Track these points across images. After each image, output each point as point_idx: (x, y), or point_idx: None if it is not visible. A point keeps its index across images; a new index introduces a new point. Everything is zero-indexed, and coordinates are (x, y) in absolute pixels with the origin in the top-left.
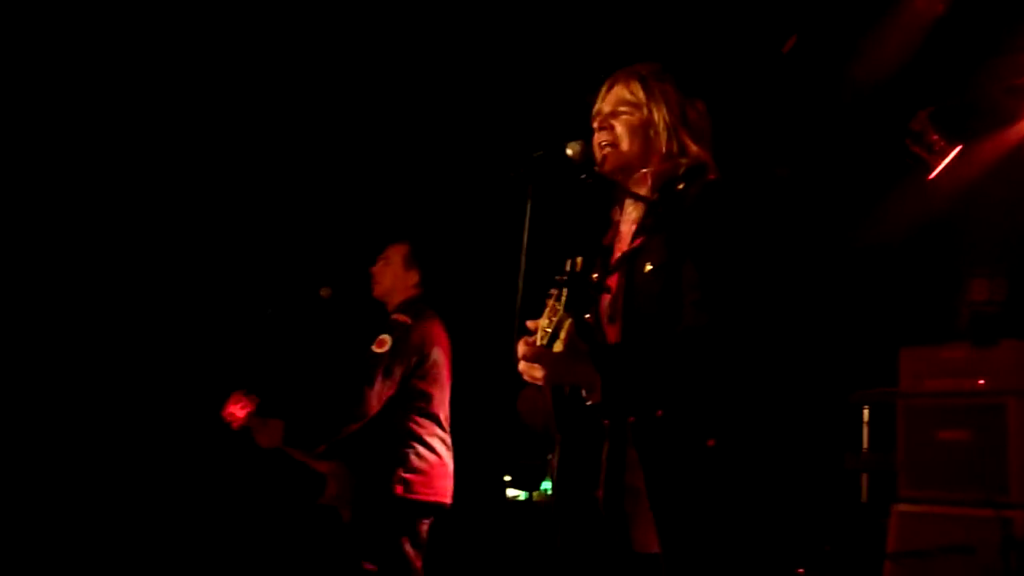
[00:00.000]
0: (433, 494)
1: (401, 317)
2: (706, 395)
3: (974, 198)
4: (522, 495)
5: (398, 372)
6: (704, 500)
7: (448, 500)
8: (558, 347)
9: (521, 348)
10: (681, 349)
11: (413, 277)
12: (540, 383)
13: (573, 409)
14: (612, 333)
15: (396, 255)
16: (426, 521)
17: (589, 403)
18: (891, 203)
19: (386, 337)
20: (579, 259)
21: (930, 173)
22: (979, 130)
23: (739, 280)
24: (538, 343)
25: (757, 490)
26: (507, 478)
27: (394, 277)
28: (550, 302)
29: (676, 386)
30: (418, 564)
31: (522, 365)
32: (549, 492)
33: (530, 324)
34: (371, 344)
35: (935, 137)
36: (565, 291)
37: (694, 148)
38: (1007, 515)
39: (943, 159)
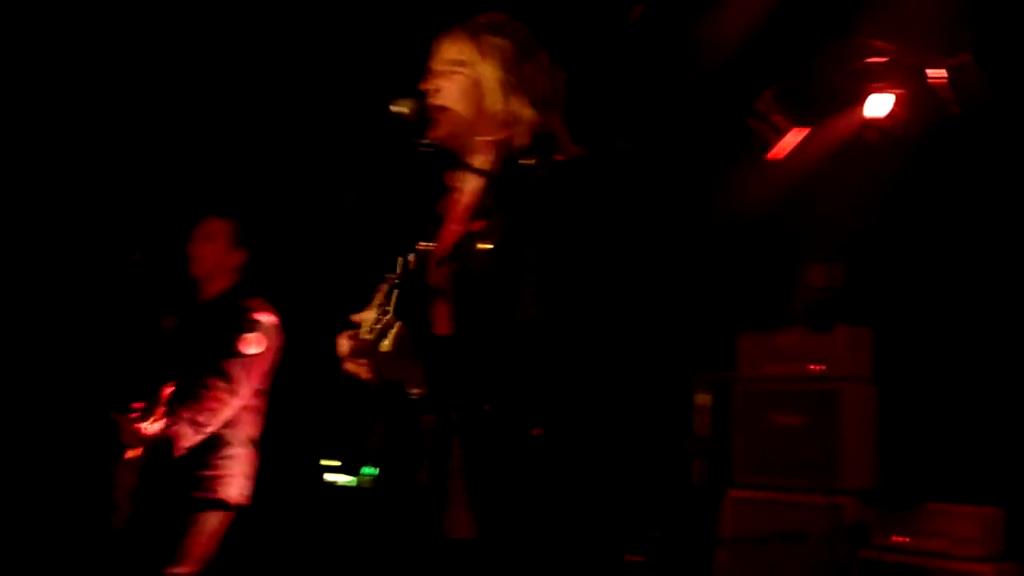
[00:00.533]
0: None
1: (264, 313)
2: (535, 388)
3: (813, 182)
4: (344, 480)
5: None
6: (526, 488)
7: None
8: (385, 346)
9: (345, 344)
10: (513, 343)
11: (238, 258)
12: (363, 376)
13: (397, 398)
14: (442, 312)
15: (220, 232)
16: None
17: (414, 396)
18: (732, 185)
19: (253, 337)
20: (412, 257)
21: (772, 154)
22: (821, 112)
23: (578, 276)
24: (362, 337)
25: (582, 477)
26: (328, 463)
27: (216, 257)
28: (378, 296)
29: (504, 381)
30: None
31: (347, 362)
32: (370, 477)
33: (354, 318)
34: (233, 341)
35: (778, 118)
36: (396, 293)
37: (527, 112)
38: (837, 502)
39: (786, 140)
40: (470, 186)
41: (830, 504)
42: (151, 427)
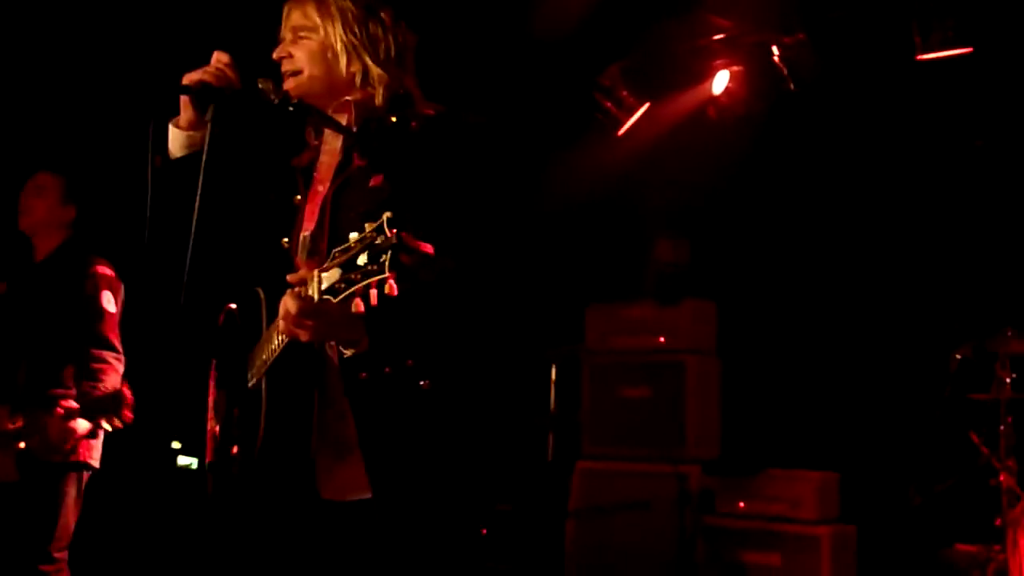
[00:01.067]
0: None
1: (107, 270)
2: (422, 348)
3: (660, 157)
4: (193, 463)
5: None
6: (410, 443)
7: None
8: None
9: (292, 303)
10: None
11: (69, 214)
12: (304, 338)
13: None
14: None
15: (52, 187)
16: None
17: (346, 355)
18: (579, 159)
19: (111, 294)
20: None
21: (619, 129)
22: (667, 88)
23: (451, 237)
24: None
25: (458, 440)
26: (176, 445)
27: (48, 210)
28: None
29: (408, 339)
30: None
31: (294, 319)
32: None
33: (292, 278)
34: (96, 300)
35: (624, 93)
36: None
37: (377, 71)
38: (683, 470)
39: (632, 116)
40: (331, 145)
41: (676, 473)
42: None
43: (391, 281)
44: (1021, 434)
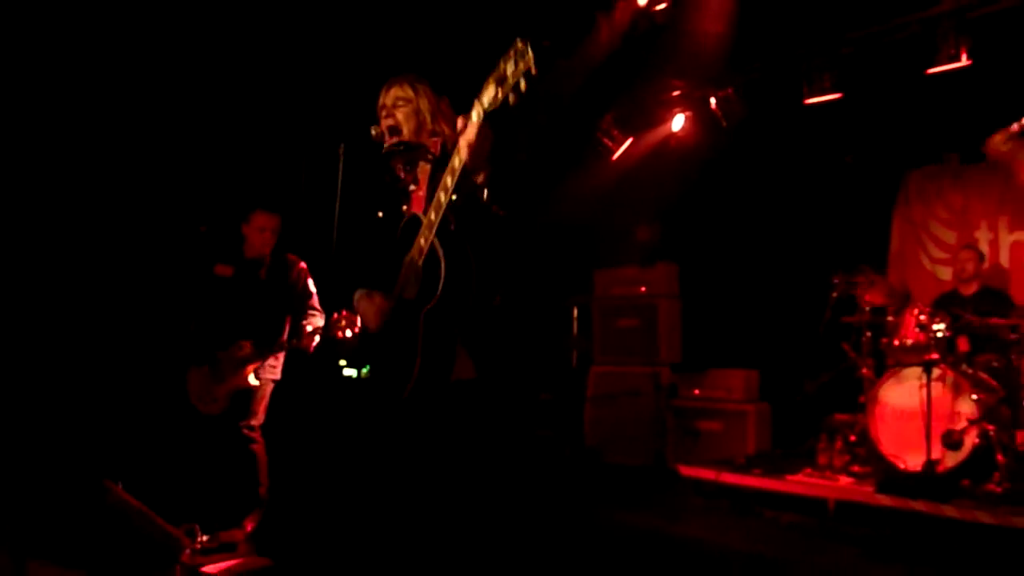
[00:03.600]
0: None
1: (302, 262)
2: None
3: (639, 173)
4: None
5: None
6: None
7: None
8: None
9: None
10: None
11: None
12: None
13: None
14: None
15: (270, 226)
16: None
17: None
18: (588, 175)
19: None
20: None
21: (613, 156)
22: (643, 127)
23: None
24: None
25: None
26: (342, 362)
27: (269, 242)
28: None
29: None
30: None
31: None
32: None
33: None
34: (307, 285)
35: (616, 132)
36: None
37: (447, 129)
38: (657, 371)
39: (621, 146)
40: (423, 170)
41: (653, 372)
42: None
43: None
44: (875, 342)
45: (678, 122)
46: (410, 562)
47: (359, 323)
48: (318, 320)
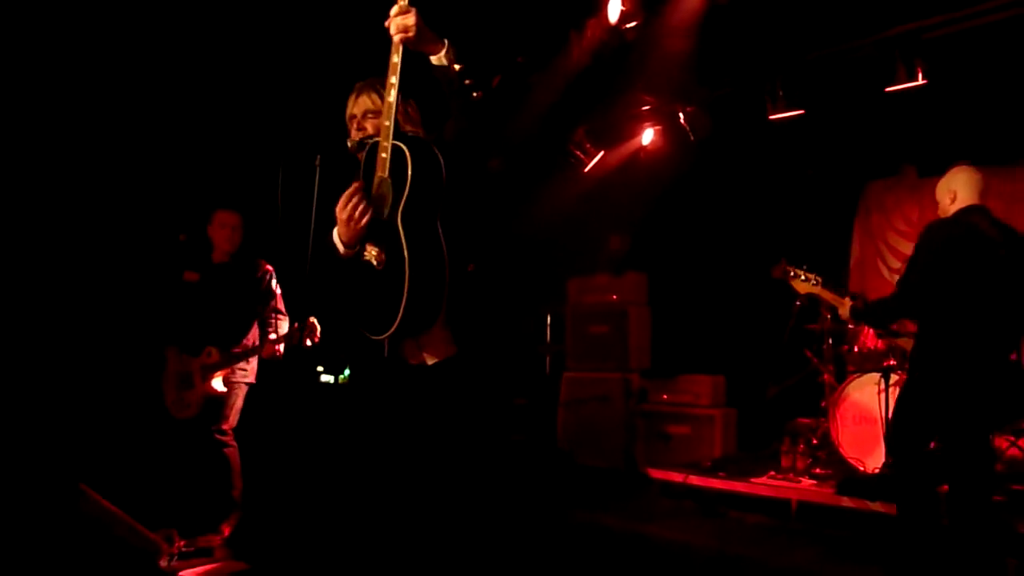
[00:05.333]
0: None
1: (268, 265)
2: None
3: (611, 185)
4: (331, 379)
5: None
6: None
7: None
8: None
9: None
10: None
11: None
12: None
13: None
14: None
15: (233, 223)
16: None
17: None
18: (561, 187)
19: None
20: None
21: (585, 168)
22: (614, 141)
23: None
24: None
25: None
26: (319, 368)
27: (232, 239)
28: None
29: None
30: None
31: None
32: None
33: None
34: (269, 286)
35: (588, 145)
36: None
37: (415, 129)
38: (627, 377)
39: (593, 159)
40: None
41: (624, 378)
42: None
43: None
44: (836, 349)
45: (648, 136)
46: (386, 562)
47: (319, 331)
48: (283, 325)
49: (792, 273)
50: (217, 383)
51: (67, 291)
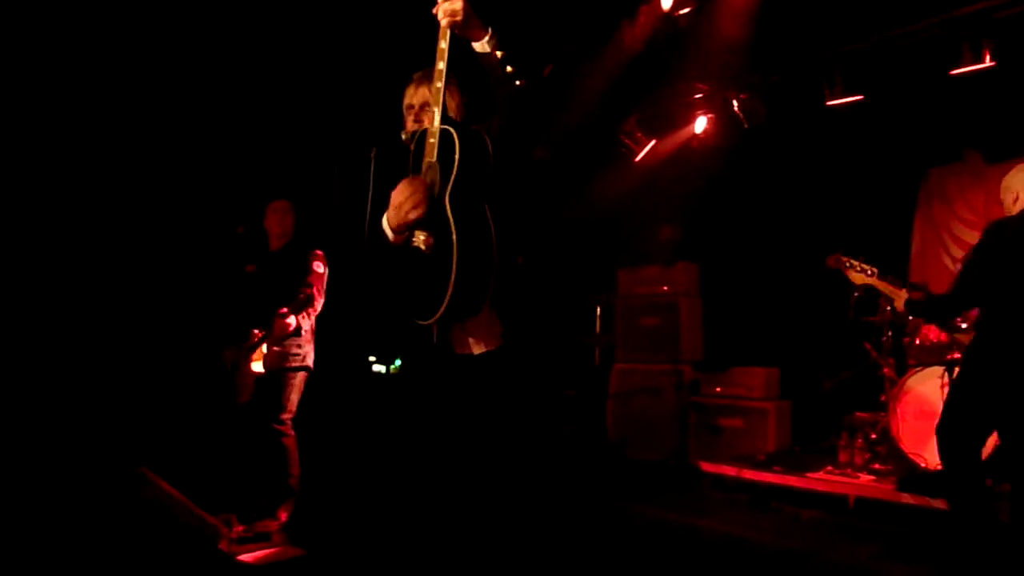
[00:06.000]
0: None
1: (318, 253)
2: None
3: (662, 174)
4: (383, 369)
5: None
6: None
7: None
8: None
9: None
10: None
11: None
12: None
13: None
14: None
15: (286, 209)
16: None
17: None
18: (612, 177)
19: (318, 262)
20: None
21: (636, 157)
22: (665, 129)
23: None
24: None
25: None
26: (372, 358)
27: (286, 224)
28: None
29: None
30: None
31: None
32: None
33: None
34: (309, 266)
35: (639, 134)
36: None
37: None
38: (679, 369)
39: (644, 148)
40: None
41: (675, 370)
42: (292, 323)
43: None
44: (896, 342)
45: (700, 124)
46: (437, 550)
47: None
48: (300, 304)
49: (848, 264)
50: (256, 365)
51: (132, 284)
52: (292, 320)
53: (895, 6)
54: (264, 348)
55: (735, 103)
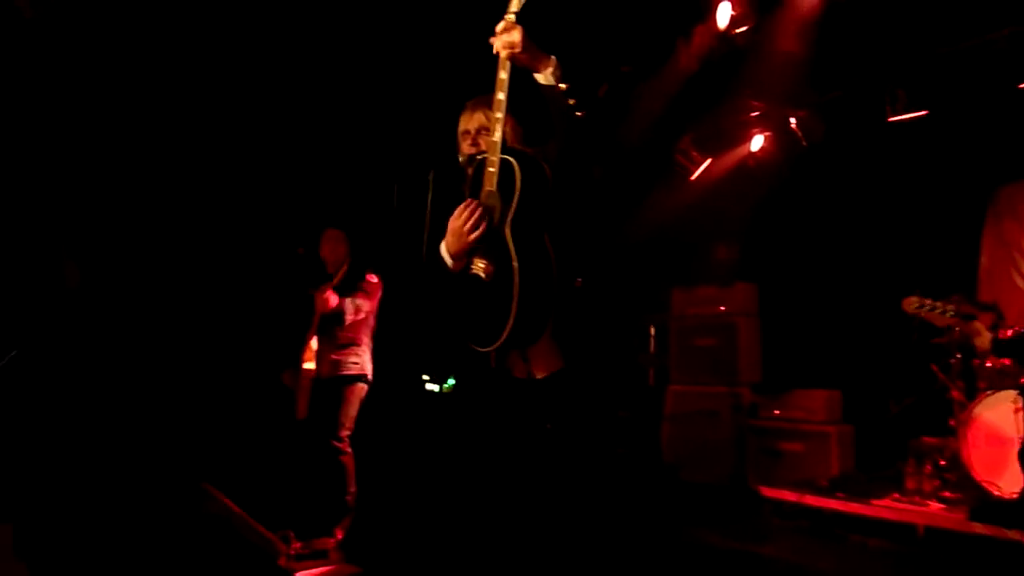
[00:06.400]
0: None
1: (372, 275)
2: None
3: (718, 193)
4: (436, 387)
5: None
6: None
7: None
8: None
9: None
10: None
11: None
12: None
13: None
14: None
15: (339, 238)
16: None
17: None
18: (668, 195)
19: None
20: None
21: (692, 176)
22: (721, 148)
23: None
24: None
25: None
26: (425, 376)
27: (339, 253)
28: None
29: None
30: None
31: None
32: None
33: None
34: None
35: (695, 153)
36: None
37: (518, 146)
38: (737, 391)
39: (700, 166)
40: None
41: (732, 392)
42: (332, 299)
43: None
44: (965, 365)
45: (757, 142)
46: (492, 572)
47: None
48: (350, 301)
49: (928, 307)
50: (308, 364)
51: (198, 305)
52: (333, 297)
53: (960, 18)
54: (314, 344)
55: (792, 121)
